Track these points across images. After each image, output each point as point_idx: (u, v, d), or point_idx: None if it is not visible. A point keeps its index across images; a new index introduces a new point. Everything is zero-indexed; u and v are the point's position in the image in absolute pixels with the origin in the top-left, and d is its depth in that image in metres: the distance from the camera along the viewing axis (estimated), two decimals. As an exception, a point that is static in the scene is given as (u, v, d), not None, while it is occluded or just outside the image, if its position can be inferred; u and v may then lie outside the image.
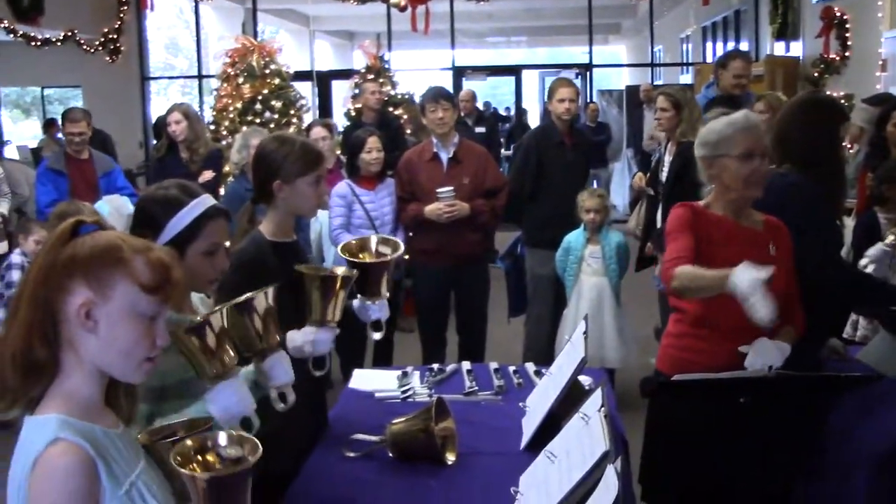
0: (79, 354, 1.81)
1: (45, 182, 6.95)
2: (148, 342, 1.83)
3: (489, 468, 2.94)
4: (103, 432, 1.80)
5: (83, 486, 1.70)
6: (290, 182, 3.11)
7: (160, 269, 1.83)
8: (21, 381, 1.79)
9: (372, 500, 2.73)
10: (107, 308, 1.78)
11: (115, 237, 1.85)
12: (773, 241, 3.30)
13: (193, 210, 2.50)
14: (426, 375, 3.97)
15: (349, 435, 3.12)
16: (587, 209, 5.96)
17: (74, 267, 1.79)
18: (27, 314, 1.80)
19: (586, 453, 2.35)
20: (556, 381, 3.14)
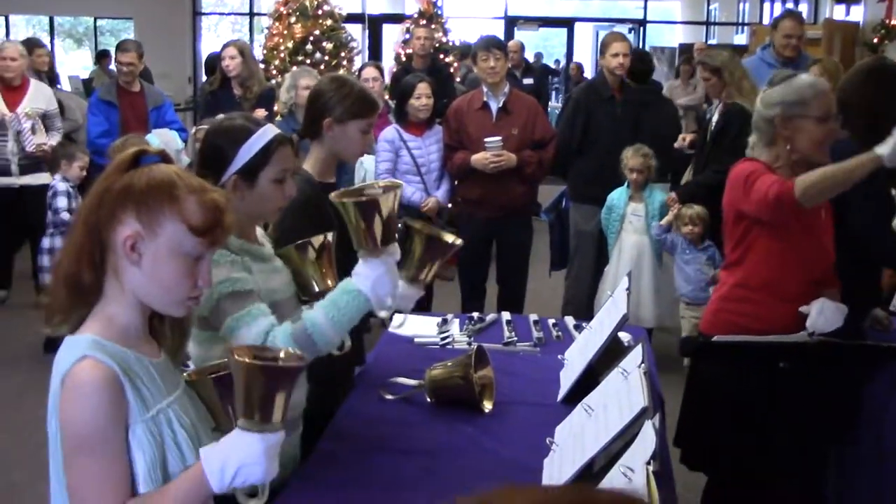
0: (121, 283, 1.84)
1: (96, 112, 7.01)
2: (190, 282, 1.85)
3: (525, 418, 2.96)
4: (136, 357, 1.84)
5: (108, 401, 1.74)
6: (342, 123, 3.13)
7: (212, 212, 1.84)
8: (68, 302, 1.85)
9: (409, 443, 2.76)
10: (153, 243, 1.81)
11: (173, 173, 1.86)
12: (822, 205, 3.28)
13: (262, 138, 2.52)
14: (465, 324, 3.99)
15: (388, 378, 3.16)
16: (630, 168, 5.93)
17: (128, 197, 1.81)
18: (79, 238, 1.84)
19: (624, 408, 2.36)
20: (597, 335, 3.15)
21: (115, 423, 1.76)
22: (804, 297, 3.20)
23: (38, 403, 1.94)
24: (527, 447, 2.73)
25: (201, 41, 16.52)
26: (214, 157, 2.52)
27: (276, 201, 2.57)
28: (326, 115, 3.14)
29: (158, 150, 1.93)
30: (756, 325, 3.22)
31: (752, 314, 3.27)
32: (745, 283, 3.33)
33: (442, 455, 2.70)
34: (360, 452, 2.70)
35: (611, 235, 6.07)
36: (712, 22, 19.38)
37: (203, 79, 12.59)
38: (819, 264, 3.25)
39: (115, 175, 1.85)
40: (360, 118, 3.15)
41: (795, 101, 3.21)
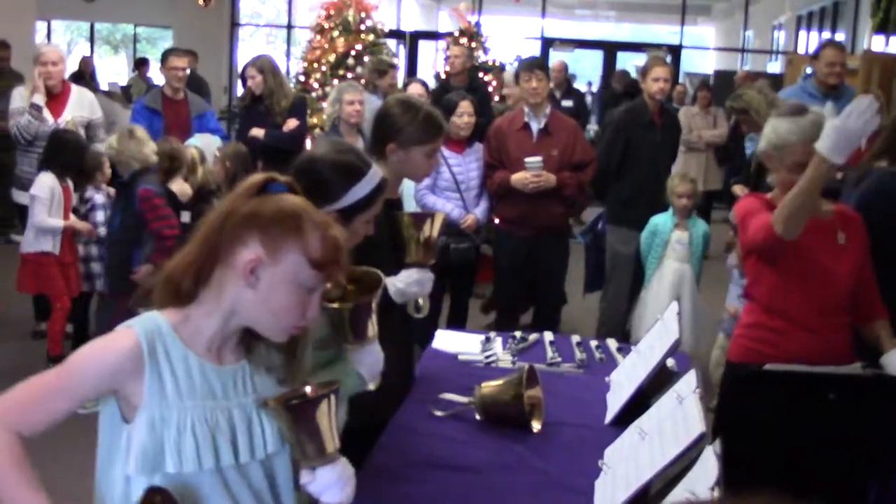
0: (221, 296, 1.90)
1: (140, 119, 7.03)
2: (300, 311, 1.91)
3: (574, 439, 2.97)
4: (185, 355, 1.88)
5: (112, 366, 1.82)
6: (406, 148, 3.15)
7: (332, 249, 1.90)
8: (162, 300, 1.93)
9: (458, 460, 2.77)
10: (272, 269, 1.87)
11: (301, 206, 1.92)
12: (842, 229, 3.27)
13: (370, 181, 2.56)
14: (508, 342, 4.01)
15: (436, 394, 3.18)
16: (679, 194, 5.93)
17: (255, 223, 1.87)
18: (194, 250, 1.92)
19: (680, 433, 2.37)
20: (646, 358, 3.15)
21: (100, 384, 1.84)
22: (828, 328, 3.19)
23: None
24: (576, 468, 2.74)
25: (237, 52, 16.65)
26: (322, 187, 2.52)
27: (360, 237, 2.61)
28: (391, 138, 3.16)
29: (287, 180, 1.99)
30: (773, 351, 3.23)
31: (770, 341, 3.28)
32: (756, 308, 3.34)
33: (491, 473, 2.71)
34: (410, 467, 2.72)
35: (652, 261, 6.06)
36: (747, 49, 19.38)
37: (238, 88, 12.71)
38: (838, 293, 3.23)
39: (242, 198, 1.92)
40: (424, 144, 3.17)
41: (776, 143, 3.23)
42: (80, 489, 4.38)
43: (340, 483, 1.97)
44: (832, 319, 3.21)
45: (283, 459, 2.00)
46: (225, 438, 1.90)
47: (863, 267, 3.26)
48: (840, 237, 3.25)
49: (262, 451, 1.95)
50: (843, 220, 3.30)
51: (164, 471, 1.84)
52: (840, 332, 3.24)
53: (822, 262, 3.21)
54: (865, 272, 3.27)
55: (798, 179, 3.10)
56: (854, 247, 3.25)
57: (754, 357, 3.20)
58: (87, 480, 1.89)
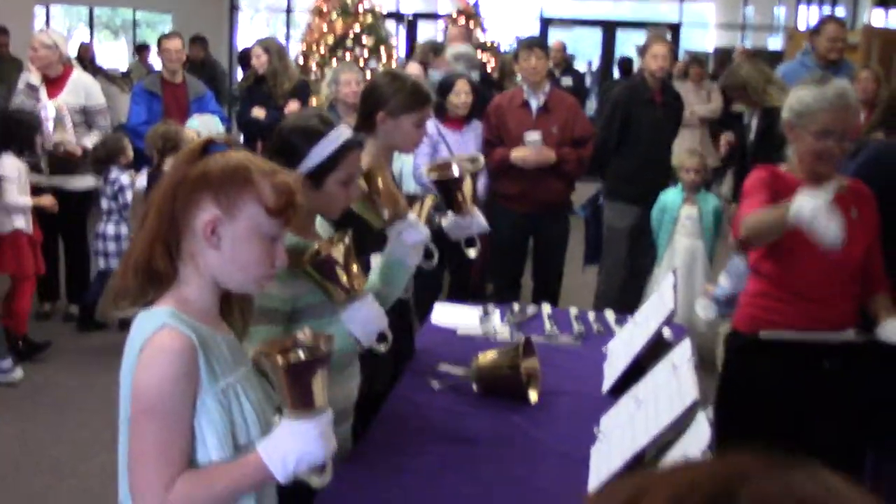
0: (198, 267, 1.90)
1: (138, 102, 7.06)
2: (268, 262, 1.92)
3: (570, 409, 2.99)
4: (209, 332, 1.89)
5: (183, 370, 1.80)
6: (395, 116, 3.18)
7: (285, 193, 1.90)
8: (140, 287, 1.91)
9: (456, 432, 2.80)
10: (232, 226, 1.87)
11: (245, 158, 1.92)
12: (854, 205, 3.27)
13: (334, 141, 2.56)
14: (506, 315, 4.03)
15: (433, 366, 3.20)
16: (687, 168, 5.92)
17: (204, 184, 1.87)
18: (153, 225, 1.90)
19: (675, 400, 2.39)
20: (642, 329, 3.17)
21: (186, 392, 1.81)
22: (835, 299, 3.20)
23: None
24: (573, 437, 2.77)
25: (237, 36, 16.63)
26: (286, 152, 2.54)
27: (341, 202, 2.61)
28: (380, 108, 3.19)
29: (226, 138, 2.01)
30: (778, 319, 3.23)
31: (774, 309, 3.28)
32: (763, 279, 3.35)
33: (489, 444, 2.73)
34: (408, 439, 2.75)
35: (663, 237, 6.06)
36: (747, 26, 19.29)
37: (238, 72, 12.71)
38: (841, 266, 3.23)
39: (185, 165, 1.92)
40: (413, 111, 3.20)
41: (800, 110, 3.21)
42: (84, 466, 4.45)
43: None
44: (841, 291, 3.20)
45: None
46: (264, 402, 1.96)
47: (873, 242, 3.27)
48: (853, 212, 3.24)
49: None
50: (857, 195, 3.29)
51: (238, 444, 1.88)
52: (848, 304, 3.23)
53: None
54: (874, 247, 3.28)
55: (826, 146, 3.11)
56: (866, 222, 3.25)
57: (762, 327, 3.21)
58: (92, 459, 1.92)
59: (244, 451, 1.89)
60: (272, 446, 1.84)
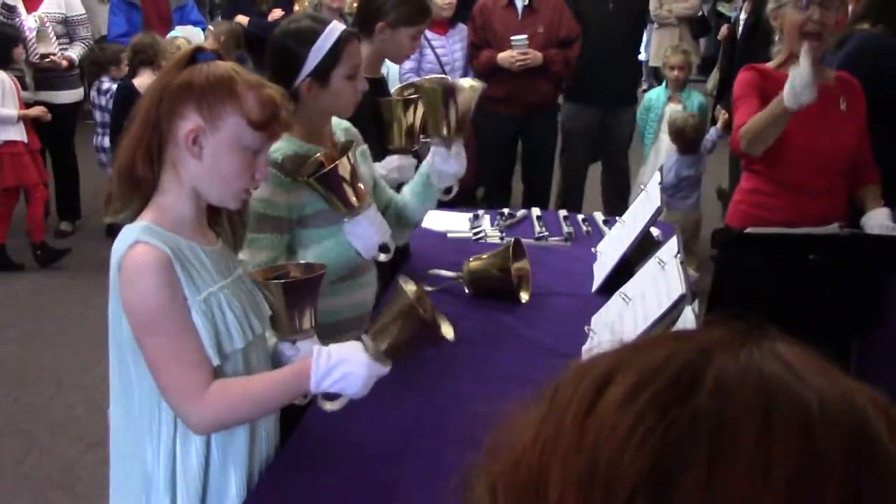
0: (179, 176, 1.91)
1: (116, 12, 6.94)
2: (248, 174, 1.93)
3: (561, 308, 3.05)
4: (188, 245, 1.91)
5: (164, 281, 1.83)
6: (395, 28, 3.16)
7: (270, 107, 1.90)
8: (124, 192, 1.93)
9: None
10: (214, 137, 1.88)
11: (230, 69, 1.92)
12: (843, 96, 3.29)
13: (330, 36, 2.54)
14: (496, 219, 4.06)
15: (425, 270, 3.24)
16: (671, 66, 5.89)
17: (188, 93, 1.87)
18: (137, 132, 1.91)
19: (662, 296, 2.43)
20: (630, 228, 3.21)
21: (175, 300, 1.84)
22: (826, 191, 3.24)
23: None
24: (564, 335, 2.82)
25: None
26: (285, 60, 2.53)
27: (350, 97, 2.60)
28: (380, 18, 3.16)
29: (214, 47, 1.99)
30: (771, 216, 3.27)
31: (767, 205, 3.32)
32: (759, 176, 3.38)
33: (481, 343, 2.79)
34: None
35: (648, 136, 6.05)
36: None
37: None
38: (837, 158, 3.26)
39: (173, 72, 1.91)
40: (411, 25, 3.18)
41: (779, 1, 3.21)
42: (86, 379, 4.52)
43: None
44: (832, 184, 3.24)
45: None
46: (250, 311, 1.99)
47: (860, 132, 3.29)
48: (842, 104, 3.26)
49: (266, 321, 2.05)
50: (845, 87, 3.30)
51: (224, 353, 1.91)
52: (838, 196, 3.28)
53: (826, 128, 3.23)
54: (864, 138, 3.30)
55: (808, 14, 3.11)
56: (855, 113, 3.27)
57: (755, 223, 3.25)
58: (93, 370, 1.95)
59: (230, 361, 1.93)
60: (326, 353, 1.90)
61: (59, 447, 4.10)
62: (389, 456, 2.20)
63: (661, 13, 10.04)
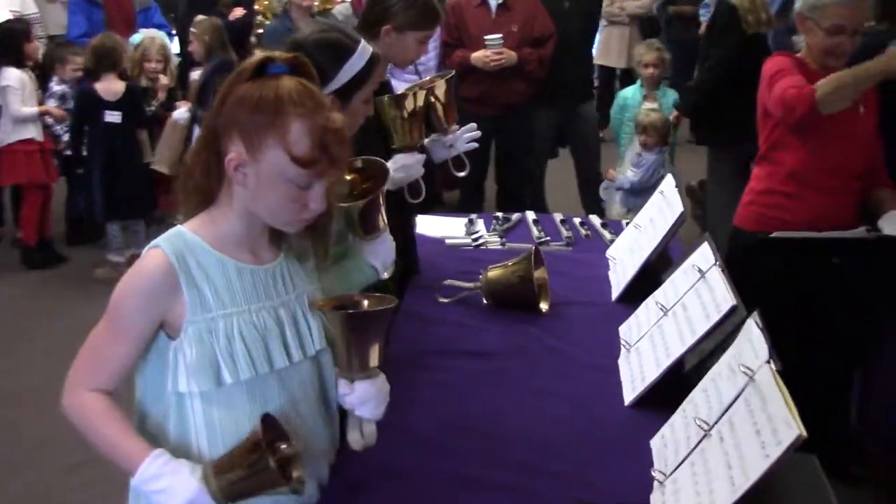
0: (231, 195, 1.79)
1: (76, 11, 6.73)
2: (298, 206, 1.77)
3: (584, 317, 2.94)
4: (220, 260, 1.79)
5: (151, 287, 1.75)
6: (402, 31, 3.03)
7: (320, 141, 1.72)
8: (183, 194, 1.83)
9: (474, 345, 2.73)
10: (255, 168, 1.73)
11: (287, 92, 1.72)
12: (861, 100, 3.25)
13: (363, 56, 2.42)
14: (492, 223, 3.95)
15: (437, 280, 3.12)
16: (645, 63, 5.82)
17: (239, 113, 1.72)
18: (201, 140, 1.81)
19: (709, 307, 2.34)
20: (649, 233, 3.11)
21: (142, 311, 1.76)
22: (841, 192, 3.21)
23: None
24: (592, 346, 2.73)
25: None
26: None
27: (362, 118, 2.50)
28: (388, 20, 3.03)
29: (289, 57, 1.80)
30: (784, 215, 3.23)
31: (782, 206, 3.28)
32: (773, 176, 3.33)
33: (508, 356, 2.67)
34: (426, 355, 2.68)
35: (624, 136, 5.97)
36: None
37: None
38: (854, 158, 3.23)
39: (238, 82, 1.76)
40: (419, 29, 3.06)
41: (812, 4, 3.16)
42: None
43: (378, 398, 1.92)
44: (848, 184, 3.21)
45: (330, 354, 1.94)
46: (276, 340, 1.83)
47: (875, 135, 3.25)
48: (860, 107, 3.23)
49: (311, 348, 1.90)
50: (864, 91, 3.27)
51: (221, 382, 1.77)
52: (853, 197, 3.25)
53: (846, 129, 3.19)
54: (878, 141, 3.27)
55: (838, 42, 3.07)
56: (870, 116, 3.25)
57: (769, 224, 3.20)
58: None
59: (228, 390, 1.79)
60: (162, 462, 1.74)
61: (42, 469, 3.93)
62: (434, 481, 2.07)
63: (612, 10, 9.90)
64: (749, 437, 1.73)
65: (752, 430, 1.73)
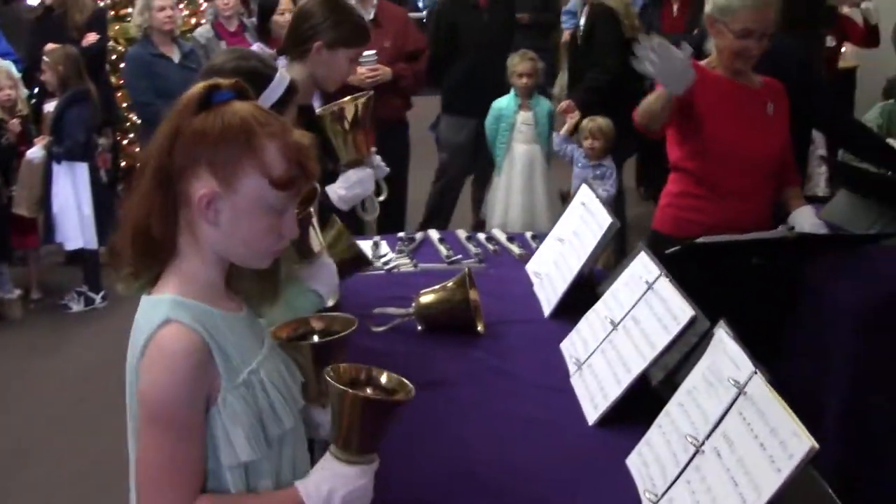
0: (198, 240, 1.64)
1: None
2: (273, 235, 1.66)
3: (522, 336, 2.90)
4: (222, 316, 1.65)
5: (193, 375, 1.57)
6: (333, 49, 2.94)
7: (295, 160, 1.62)
8: (140, 257, 1.64)
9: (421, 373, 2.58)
10: (231, 200, 1.60)
11: (251, 114, 1.61)
12: (771, 100, 3.33)
13: (279, 85, 2.35)
14: (396, 244, 3.88)
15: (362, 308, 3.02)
16: (519, 73, 5.84)
17: (201, 147, 1.58)
18: (149, 187, 1.61)
19: (666, 319, 2.33)
20: (576, 246, 3.10)
21: (198, 399, 1.58)
22: (754, 192, 3.27)
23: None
24: (538, 365, 2.70)
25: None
26: None
27: None
28: (318, 37, 2.94)
29: (232, 83, 1.67)
30: (702, 218, 3.29)
31: (697, 208, 3.32)
32: (685, 178, 3.38)
33: (461, 382, 2.60)
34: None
35: (500, 146, 5.98)
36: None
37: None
38: (764, 158, 3.30)
39: (185, 116, 1.61)
40: (350, 47, 2.98)
41: (722, 6, 3.22)
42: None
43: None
44: (760, 185, 3.28)
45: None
46: (292, 384, 1.76)
47: (785, 137, 3.33)
48: (769, 107, 3.29)
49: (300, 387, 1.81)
50: (772, 91, 3.36)
51: (268, 439, 1.66)
52: (765, 198, 3.32)
53: (754, 131, 3.26)
54: (787, 143, 3.35)
55: (746, 45, 3.13)
56: (781, 117, 3.33)
57: (685, 227, 3.24)
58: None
59: (278, 446, 1.70)
60: (314, 485, 1.65)
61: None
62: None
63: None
64: (753, 452, 1.71)
65: (754, 445, 1.72)
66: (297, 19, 3.07)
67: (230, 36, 6.67)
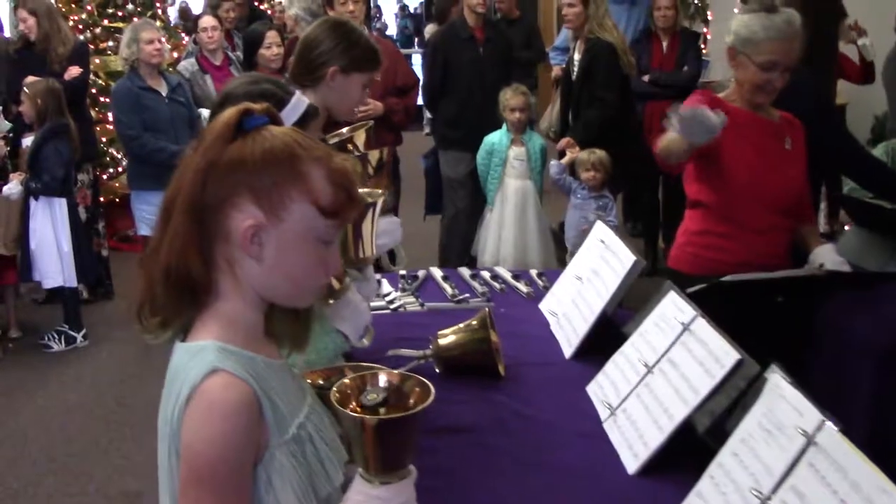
0: (238, 278, 1.51)
1: None
2: (321, 270, 1.54)
3: (543, 378, 2.78)
4: (266, 364, 1.52)
5: (243, 430, 1.43)
6: (347, 73, 2.83)
7: (343, 185, 1.51)
8: (174, 301, 1.50)
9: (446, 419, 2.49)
10: (277, 232, 1.48)
11: (291, 140, 1.50)
12: (789, 135, 3.27)
13: (296, 109, 2.22)
14: (399, 283, 3.76)
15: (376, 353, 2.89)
16: (511, 108, 5.75)
17: (241, 175, 1.46)
18: (182, 224, 1.48)
19: (707, 362, 2.21)
20: (597, 285, 2.99)
21: (246, 455, 1.45)
22: (775, 229, 3.20)
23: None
24: (567, 409, 2.57)
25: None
26: None
27: None
28: (330, 64, 2.82)
29: (264, 107, 1.55)
30: (724, 257, 3.20)
31: (717, 247, 3.25)
32: (706, 215, 3.30)
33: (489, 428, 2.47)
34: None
35: (492, 181, 5.87)
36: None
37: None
38: (785, 194, 3.23)
39: (218, 145, 1.49)
40: (364, 71, 2.88)
41: (746, 38, 3.15)
42: None
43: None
44: (779, 222, 3.20)
45: None
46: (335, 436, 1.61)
47: (804, 173, 3.26)
48: (787, 142, 3.23)
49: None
50: (789, 126, 3.29)
51: (318, 497, 1.52)
52: (784, 236, 3.25)
53: (773, 165, 3.19)
54: (806, 178, 3.28)
55: (769, 78, 3.06)
56: (799, 152, 3.26)
57: (707, 265, 3.15)
58: None
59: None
60: None
61: None
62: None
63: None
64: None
65: (832, 499, 1.61)
66: (304, 48, 2.95)
67: (216, 69, 6.58)
